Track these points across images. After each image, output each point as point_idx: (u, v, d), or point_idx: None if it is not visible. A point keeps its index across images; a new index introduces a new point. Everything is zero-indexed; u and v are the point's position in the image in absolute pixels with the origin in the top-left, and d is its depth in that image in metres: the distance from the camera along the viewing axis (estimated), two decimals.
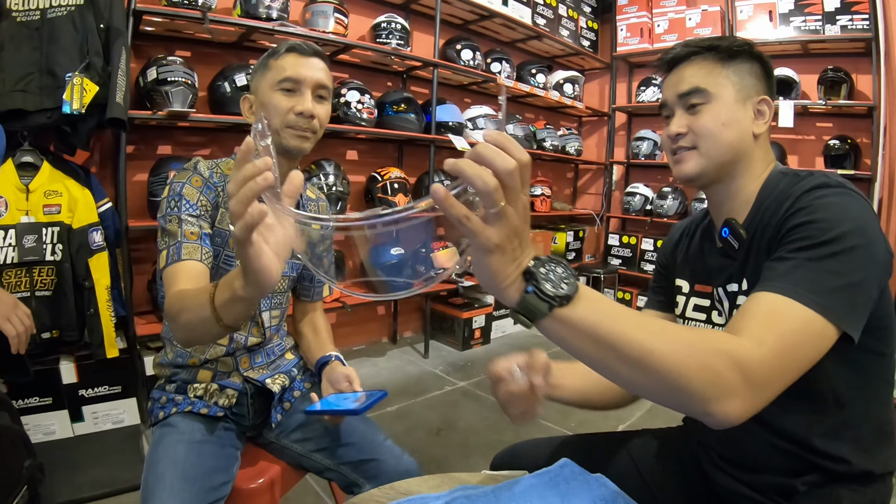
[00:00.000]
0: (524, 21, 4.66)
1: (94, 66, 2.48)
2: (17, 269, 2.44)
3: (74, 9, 2.50)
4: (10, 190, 2.43)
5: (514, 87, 4.59)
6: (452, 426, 3.07)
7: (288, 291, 1.69)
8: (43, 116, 2.44)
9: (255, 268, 0.85)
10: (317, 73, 1.46)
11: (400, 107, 3.82)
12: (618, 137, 5.67)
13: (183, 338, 1.21)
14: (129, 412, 2.83)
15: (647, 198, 5.22)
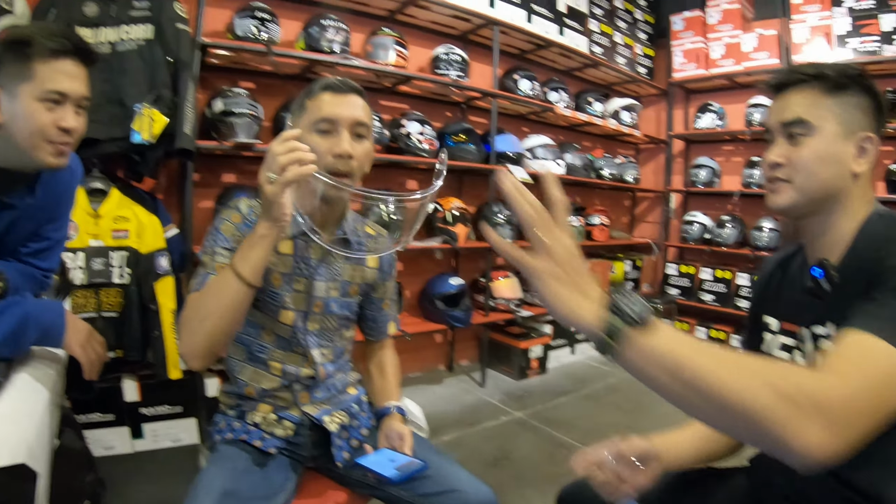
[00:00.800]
0: (580, 50, 4.57)
1: (162, 98, 2.50)
2: (85, 290, 2.48)
3: (143, 43, 2.55)
4: (81, 214, 2.45)
5: (572, 117, 4.47)
6: (508, 457, 2.96)
7: (341, 329, 1.62)
8: (113, 145, 2.48)
9: (280, 215, 1.19)
10: (353, 111, 1.41)
11: (460, 137, 3.75)
12: (675, 165, 5.48)
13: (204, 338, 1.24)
14: (188, 432, 2.84)
15: (706, 226, 5.00)
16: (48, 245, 1.66)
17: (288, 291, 1.48)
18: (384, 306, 1.72)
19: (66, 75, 1.34)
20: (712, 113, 5.01)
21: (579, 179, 4.64)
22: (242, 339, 1.51)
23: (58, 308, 1.48)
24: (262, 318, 1.49)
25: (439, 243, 3.71)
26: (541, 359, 4.31)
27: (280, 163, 1.13)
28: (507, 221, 4.01)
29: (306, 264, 1.50)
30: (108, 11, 2.52)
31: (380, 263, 1.66)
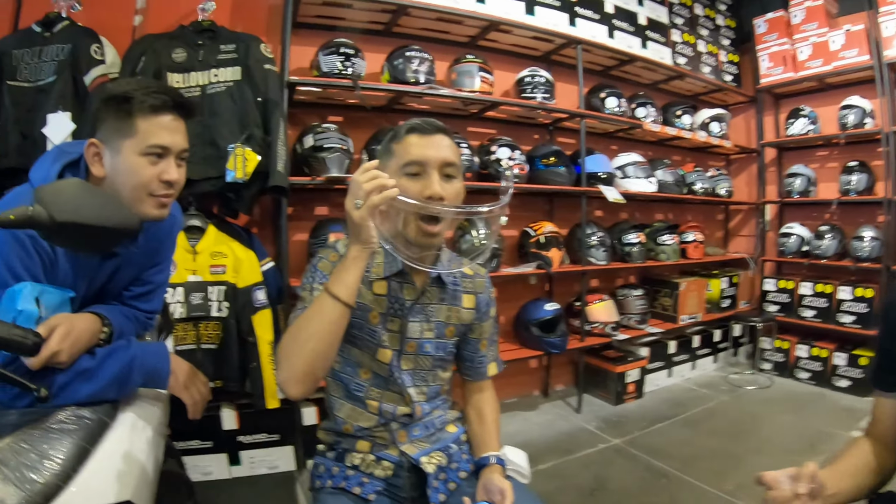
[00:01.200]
0: (665, 62, 4.38)
1: (254, 137, 2.54)
2: (184, 324, 2.53)
3: (233, 84, 2.59)
4: (179, 251, 2.47)
5: (661, 132, 4.27)
6: (606, 487, 2.83)
7: (436, 369, 1.56)
8: (207, 184, 2.54)
9: (369, 236, 1.20)
10: (441, 152, 1.37)
11: (550, 160, 3.62)
12: (768, 174, 5.16)
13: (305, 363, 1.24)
14: (285, 459, 2.87)
15: (804, 238, 4.65)
16: (150, 288, 1.68)
17: (384, 331, 1.46)
18: (482, 347, 1.64)
19: (166, 130, 1.38)
20: (804, 118, 4.68)
21: (672, 196, 4.44)
22: (340, 377, 1.51)
23: (162, 351, 1.49)
24: (360, 356, 1.48)
25: (533, 269, 3.59)
26: (637, 382, 4.10)
27: (364, 189, 1.16)
28: (601, 244, 3.87)
29: (400, 305, 1.47)
30: (197, 56, 2.59)
31: (476, 303, 1.59)
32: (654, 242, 4.35)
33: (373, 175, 1.17)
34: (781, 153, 5.19)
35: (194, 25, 2.67)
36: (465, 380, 1.69)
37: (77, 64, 2.39)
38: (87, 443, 1.13)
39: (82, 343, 1.30)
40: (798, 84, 4.76)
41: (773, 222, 5.19)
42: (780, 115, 5.10)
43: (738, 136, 5.22)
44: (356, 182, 1.18)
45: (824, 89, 4.76)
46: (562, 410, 3.93)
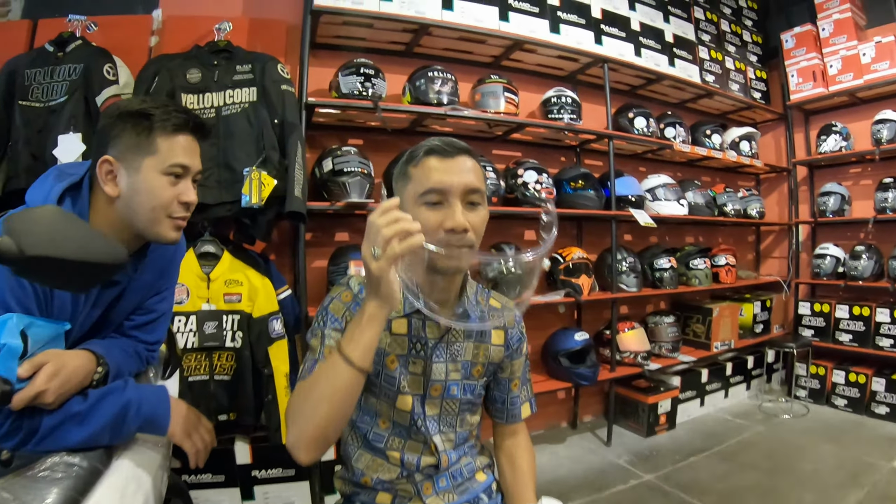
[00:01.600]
0: (693, 80, 4.24)
1: (270, 160, 2.45)
2: (197, 353, 2.44)
3: (248, 105, 2.50)
4: (192, 279, 2.43)
5: (691, 152, 4.13)
6: None
7: (464, 413, 1.43)
8: (223, 209, 2.45)
9: (390, 292, 1.04)
10: (464, 177, 1.21)
11: (578, 183, 3.49)
12: (800, 194, 4.99)
13: (316, 427, 1.09)
14: (300, 495, 2.75)
15: (839, 259, 4.47)
16: (153, 317, 1.60)
17: (404, 374, 1.33)
18: (513, 387, 1.50)
19: (186, 150, 1.35)
20: (836, 134, 4.51)
21: (703, 219, 4.28)
22: (357, 426, 1.39)
23: (162, 395, 1.40)
24: (378, 405, 1.36)
25: (562, 297, 3.45)
26: (669, 413, 3.92)
27: (384, 236, 1.00)
28: (631, 269, 3.72)
29: (422, 345, 1.34)
30: (212, 77, 2.53)
31: (506, 340, 1.45)
32: (685, 267, 4.20)
33: (393, 218, 1.01)
34: (813, 171, 5.02)
35: (210, 45, 2.62)
36: (495, 423, 1.55)
37: (89, 84, 2.37)
38: (76, 492, 1.05)
39: (73, 383, 1.21)
40: (829, 99, 4.61)
41: (806, 243, 5.01)
42: (810, 132, 4.93)
43: (767, 155, 5.08)
44: (374, 226, 1.01)
45: (856, 104, 4.62)
46: (591, 443, 3.76)
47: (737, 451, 3.54)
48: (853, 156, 4.49)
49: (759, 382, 4.79)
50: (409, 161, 1.25)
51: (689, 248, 4.37)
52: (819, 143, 4.65)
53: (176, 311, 2.37)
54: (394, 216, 1.00)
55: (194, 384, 2.43)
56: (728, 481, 3.09)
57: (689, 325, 4.41)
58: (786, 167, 5.00)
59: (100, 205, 1.34)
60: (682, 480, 3.12)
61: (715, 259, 4.45)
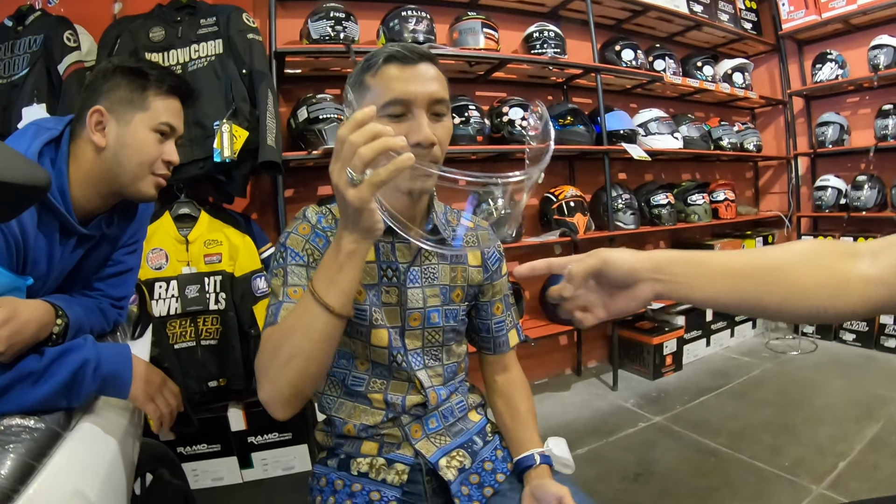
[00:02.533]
0: (680, 10, 4.06)
1: (241, 111, 2.35)
2: (181, 320, 2.39)
3: (214, 58, 2.42)
4: (170, 242, 2.39)
5: (683, 84, 4.00)
6: (651, 470, 2.60)
7: (449, 344, 1.31)
8: (195, 167, 2.37)
9: (372, 222, 0.89)
10: (428, 86, 1.09)
11: (567, 119, 3.37)
12: (797, 126, 4.85)
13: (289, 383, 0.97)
14: (300, 458, 2.70)
15: (841, 190, 4.36)
16: (121, 269, 1.56)
17: (377, 305, 1.21)
18: (496, 311, 1.38)
19: (175, 111, 1.41)
20: (831, 62, 4.36)
21: (699, 152, 4.16)
22: (334, 373, 1.26)
23: (124, 354, 1.31)
24: (352, 345, 1.23)
25: (557, 237, 3.35)
26: (675, 354, 3.86)
27: (363, 157, 0.82)
28: (628, 206, 3.63)
29: (394, 270, 1.22)
30: (176, 33, 2.45)
31: (483, 261, 1.34)
32: (683, 203, 4.09)
33: (372, 133, 0.83)
34: (809, 103, 4.87)
35: (173, 3, 2.51)
36: (483, 356, 1.44)
37: (50, 54, 2.30)
38: (31, 458, 0.94)
39: (27, 335, 1.12)
40: (822, 27, 4.45)
41: (806, 176, 4.89)
42: (805, 63, 4.79)
43: (762, 88, 4.93)
44: (349, 145, 0.83)
45: (850, 31, 4.46)
46: (597, 389, 3.70)
47: (746, 389, 3.49)
48: (850, 83, 4.34)
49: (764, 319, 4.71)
50: (367, 70, 1.11)
51: (687, 183, 4.26)
52: (814, 72, 4.50)
53: (156, 277, 2.34)
54: (372, 130, 0.83)
55: (181, 352, 2.38)
56: (740, 419, 3.04)
57: None
58: (781, 99, 4.87)
59: (81, 158, 1.32)
60: (693, 420, 3.07)
61: (714, 194, 4.36)
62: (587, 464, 2.66)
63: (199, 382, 2.40)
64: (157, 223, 2.36)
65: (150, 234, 2.30)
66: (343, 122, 0.85)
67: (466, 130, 2.95)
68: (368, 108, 0.85)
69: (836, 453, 2.55)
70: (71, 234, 1.33)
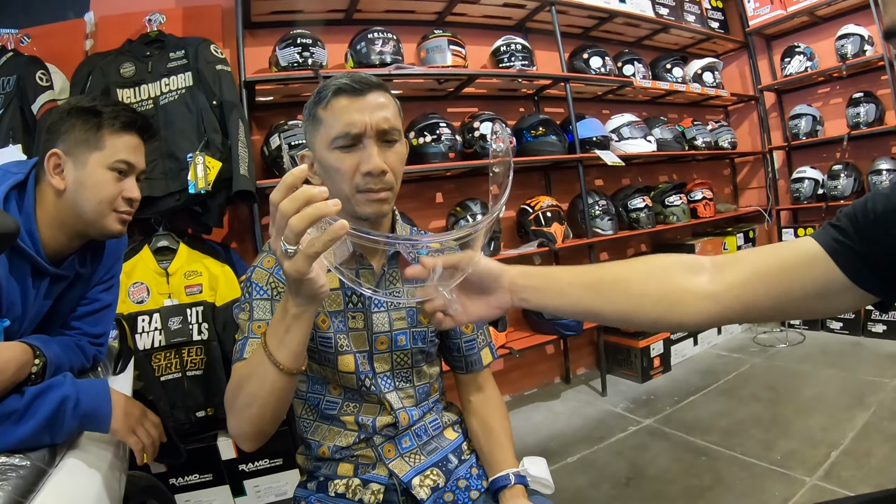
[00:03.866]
0: (646, 15, 4.13)
1: (213, 142, 2.39)
2: (166, 352, 2.40)
3: (185, 90, 2.45)
4: (150, 276, 2.40)
5: (652, 87, 4.05)
6: (643, 473, 2.62)
7: (419, 365, 1.34)
8: (171, 200, 2.40)
9: (313, 291, 0.88)
10: (376, 115, 1.12)
11: (538, 130, 3.41)
12: (770, 120, 4.93)
13: (250, 424, 1.03)
14: (292, 483, 2.53)
15: (818, 181, 4.42)
16: (98, 307, 1.57)
17: (342, 332, 1.24)
18: (465, 330, 1.40)
19: (131, 148, 1.41)
20: (800, 55, 4.45)
21: (673, 154, 4.22)
22: (309, 398, 1.31)
23: (102, 390, 1.32)
24: (323, 371, 1.27)
25: (535, 248, 3.38)
26: (662, 356, 3.89)
27: (294, 227, 0.78)
28: (605, 212, 3.67)
29: (359, 295, 1.26)
30: (146, 68, 2.49)
31: None
32: (661, 205, 4.14)
33: (303, 199, 0.77)
34: (781, 97, 4.96)
35: (142, 38, 2.57)
36: (456, 375, 1.44)
37: (24, 94, 2.33)
38: (18, 495, 0.97)
39: (5, 376, 1.15)
40: (789, 21, 4.54)
41: (782, 170, 4.96)
42: (774, 58, 4.87)
43: (733, 86, 5.02)
44: (280, 214, 0.79)
45: (817, 23, 4.55)
46: (586, 395, 3.73)
47: (736, 385, 3.53)
48: (819, 75, 4.41)
49: None
50: (318, 102, 1.16)
51: (663, 185, 4.31)
52: (783, 66, 4.59)
53: (138, 311, 2.35)
54: (303, 197, 0.77)
55: (168, 383, 2.39)
56: (730, 416, 3.07)
57: None
58: (752, 95, 4.95)
59: (46, 201, 1.35)
60: (684, 421, 3.10)
61: (691, 194, 4.41)
62: (578, 471, 2.68)
63: (186, 413, 2.41)
64: (137, 257, 2.38)
65: (130, 269, 2.34)
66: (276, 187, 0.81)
67: (438, 148, 2.98)
68: (299, 168, 0.81)
69: (828, 443, 2.57)
70: (43, 275, 1.36)
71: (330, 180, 1.15)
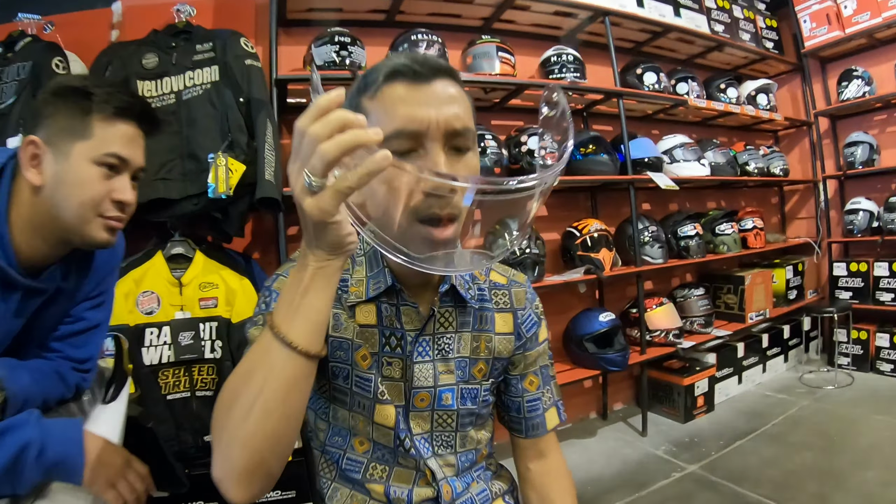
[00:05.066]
0: (702, 31, 3.89)
1: (237, 143, 2.19)
2: (175, 369, 2.19)
3: (210, 86, 2.25)
4: (162, 285, 2.19)
5: (707, 108, 3.81)
6: None
7: (466, 429, 1.06)
8: (189, 204, 2.20)
9: (339, 237, 0.68)
10: (445, 110, 0.82)
11: (589, 148, 3.17)
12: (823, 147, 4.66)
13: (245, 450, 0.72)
14: None
15: (873, 213, 4.15)
16: (84, 327, 1.35)
17: (380, 377, 0.99)
18: (530, 387, 1.13)
19: (127, 140, 1.17)
20: (857, 79, 4.20)
21: (725, 179, 3.96)
22: (328, 451, 1.05)
23: (74, 434, 1.11)
24: (352, 420, 1.01)
25: (582, 274, 3.13)
26: (706, 394, 3.62)
27: (326, 155, 0.59)
28: (655, 239, 3.42)
29: (398, 338, 0.99)
30: (170, 60, 2.29)
31: (515, 326, 1.09)
32: (711, 233, 3.89)
33: (338, 123, 0.60)
34: (835, 123, 4.69)
35: (168, 28, 2.37)
36: (514, 438, 1.18)
37: (38, 81, 2.13)
38: None
39: None
40: (846, 43, 4.30)
41: (834, 200, 4.68)
42: (828, 82, 4.62)
43: (784, 110, 4.74)
44: (308, 139, 0.61)
45: (874, 46, 4.32)
46: (625, 434, 3.46)
47: (784, 430, 3.25)
48: (878, 100, 4.16)
49: (796, 353, 4.50)
50: (364, 90, 0.86)
51: (714, 212, 4.05)
52: (840, 90, 4.34)
53: (147, 323, 2.13)
54: (339, 120, 0.60)
55: (174, 403, 2.18)
56: (781, 465, 2.81)
57: (720, 296, 4.10)
58: (806, 120, 4.69)
59: (23, 197, 1.13)
60: (731, 469, 2.84)
61: (742, 223, 4.16)
62: None
63: (194, 436, 2.20)
64: (149, 264, 2.19)
65: (140, 276, 2.16)
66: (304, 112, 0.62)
67: (483, 162, 2.74)
68: (335, 91, 0.61)
69: (888, 500, 2.36)
70: (14, 288, 1.13)
71: (371, 202, 0.83)
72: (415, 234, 0.80)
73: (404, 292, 0.97)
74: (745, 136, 4.78)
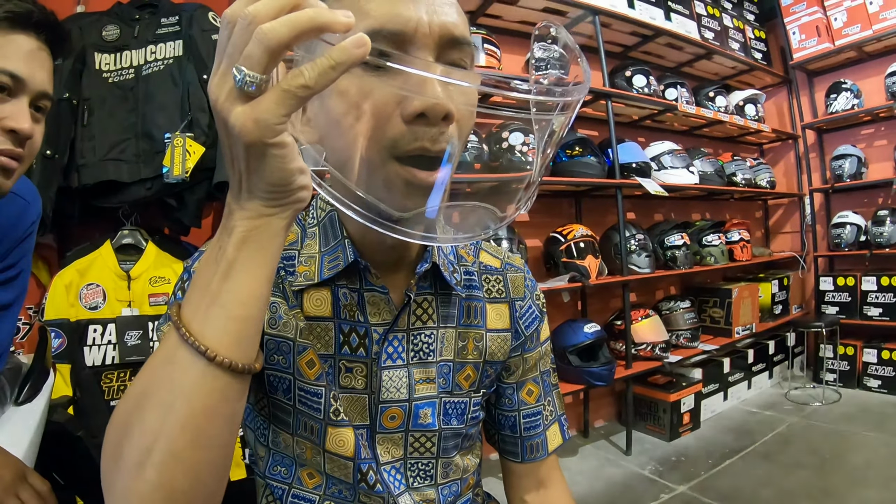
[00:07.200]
0: (692, 37, 3.79)
1: (197, 122, 1.99)
2: (120, 371, 1.98)
3: (172, 61, 2.06)
4: (109, 277, 1.99)
5: (696, 115, 3.70)
6: None
7: (451, 454, 0.82)
8: (141, 188, 1.99)
9: (284, 172, 0.46)
10: (439, 9, 0.59)
11: (575, 150, 3.02)
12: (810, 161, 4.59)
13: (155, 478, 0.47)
14: None
15: (860, 227, 4.09)
16: None
17: (335, 390, 0.74)
18: (527, 397, 0.90)
19: (21, 54, 0.91)
20: (846, 91, 4.15)
21: (711, 188, 3.84)
22: (271, 486, 0.78)
23: None
24: (296, 446, 0.76)
25: (566, 282, 2.96)
26: (692, 411, 3.47)
27: (271, 38, 0.40)
28: (642, 248, 3.28)
29: (361, 335, 0.74)
30: (132, 33, 2.10)
31: (512, 321, 0.86)
32: (698, 244, 3.78)
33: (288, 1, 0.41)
34: (821, 135, 4.62)
35: (135, 0, 2.17)
36: (505, 462, 0.94)
37: None
38: None
39: None
40: (835, 56, 4.25)
41: (819, 214, 4.61)
42: (815, 95, 4.56)
43: (770, 122, 4.67)
44: (241, 22, 0.41)
45: (863, 59, 4.28)
46: (607, 452, 3.29)
47: (774, 448, 3.13)
48: (867, 114, 4.10)
49: (781, 369, 4.39)
50: None
51: (701, 223, 3.95)
52: (829, 102, 4.29)
53: (90, 319, 1.93)
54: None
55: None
56: (775, 485, 2.68)
57: (706, 309, 3.99)
58: (793, 133, 4.62)
59: None
60: (723, 490, 2.70)
61: (728, 235, 4.06)
62: None
63: None
64: (96, 254, 1.99)
65: (85, 267, 1.97)
66: None
67: (463, 157, 2.55)
68: None
69: None
70: None
71: (338, 129, 0.61)
72: (391, 179, 0.58)
73: (370, 272, 0.74)
74: (730, 147, 4.71)
